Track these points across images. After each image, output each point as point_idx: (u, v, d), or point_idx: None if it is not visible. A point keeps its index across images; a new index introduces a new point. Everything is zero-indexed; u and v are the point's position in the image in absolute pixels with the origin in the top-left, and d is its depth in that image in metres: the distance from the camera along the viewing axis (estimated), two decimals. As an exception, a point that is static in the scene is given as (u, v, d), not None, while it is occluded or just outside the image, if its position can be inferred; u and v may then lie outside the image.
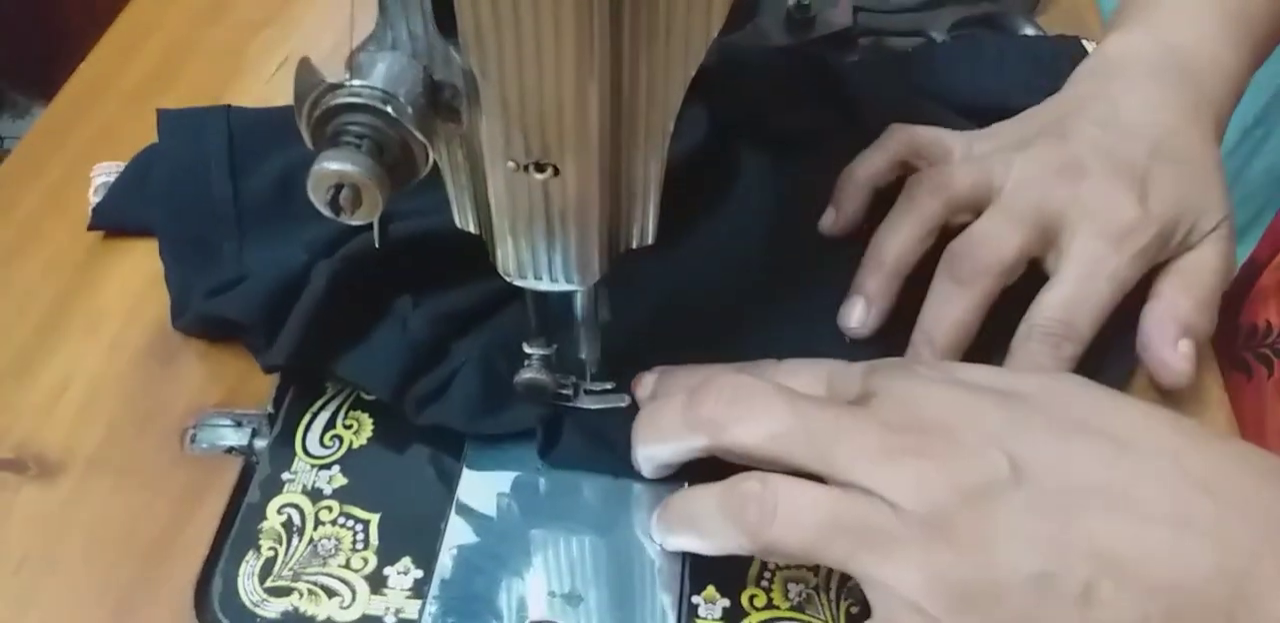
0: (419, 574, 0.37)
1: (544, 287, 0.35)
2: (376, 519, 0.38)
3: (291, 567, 0.37)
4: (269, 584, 0.37)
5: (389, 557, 0.37)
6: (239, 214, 0.46)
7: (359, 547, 0.38)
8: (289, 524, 0.38)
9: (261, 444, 0.41)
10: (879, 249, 0.42)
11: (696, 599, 0.36)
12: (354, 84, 0.27)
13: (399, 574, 0.37)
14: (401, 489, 0.39)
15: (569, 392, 0.40)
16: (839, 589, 0.36)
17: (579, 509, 0.39)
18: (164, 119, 0.49)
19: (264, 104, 0.50)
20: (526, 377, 0.38)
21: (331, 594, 0.37)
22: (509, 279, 0.35)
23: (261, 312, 0.40)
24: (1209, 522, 0.28)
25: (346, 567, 0.37)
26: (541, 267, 0.34)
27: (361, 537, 0.38)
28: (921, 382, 0.33)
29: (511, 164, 0.30)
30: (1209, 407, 0.42)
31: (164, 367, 0.44)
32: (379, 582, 0.37)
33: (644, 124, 0.30)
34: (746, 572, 0.37)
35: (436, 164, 0.30)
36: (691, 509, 0.34)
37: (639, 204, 0.33)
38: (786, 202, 0.46)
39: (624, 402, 0.40)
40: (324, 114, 0.27)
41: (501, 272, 0.34)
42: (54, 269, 0.47)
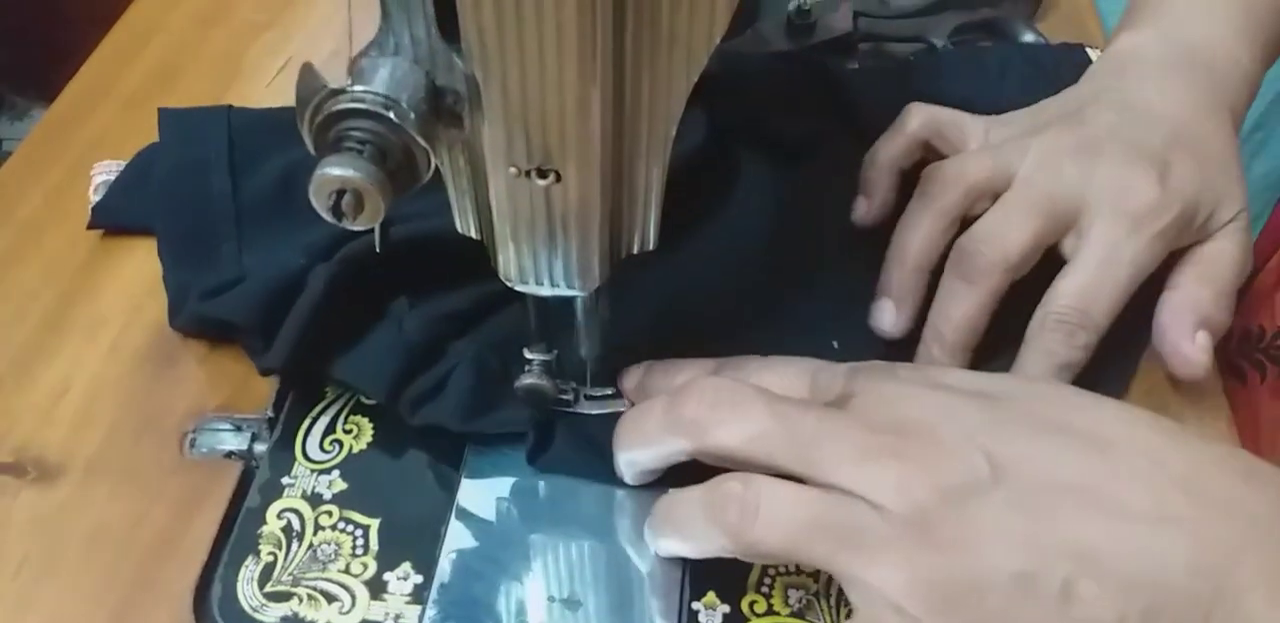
0: (419, 579, 0.37)
1: (545, 292, 0.35)
2: (376, 524, 0.38)
3: (291, 572, 0.37)
4: (268, 589, 0.37)
5: (389, 562, 0.37)
6: (238, 214, 0.46)
7: (359, 552, 0.38)
8: (289, 529, 0.38)
9: (261, 449, 0.41)
10: (900, 247, 0.42)
11: (696, 605, 0.36)
12: (356, 89, 0.27)
13: (399, 579, 0.37)
14: (401, 494, 0.39)
15: (569, 397, 0.40)
16: (839, 595, 0.36)
17: (579, 514, 0.39)
18: (165, 118, 0.49)
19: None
20: (527, 382, 0.38)
21: (331, 600, 0.37)
22: (510, 284, 0.35)
23: (258, 314, 0.40)
24: (1188, 520, 0.28)
25: (346, 572, 0.37)
26: (543, 272, 0.34)
27: (361, 542, 0.38)
28: (902, 383, 0.33)
29: (513, 169, 0.30)
30: (1209, 411, 0.42)
31: (164, 370, 0.44)
32: (379, 587, 0.37)
33: (646, 130, 0.30)
34: (747, 578, 0.37)
35: (437, 169, 0.30)
36: (675, 512, 0.34)
37: (640, 210, 0.33)
38: (786, 207, 0.46)
39: (625, 407, 0.40)
40: (326, 119, 0.27)
41: (503, 277, 0.34)
42: (53, 272, 0.47)
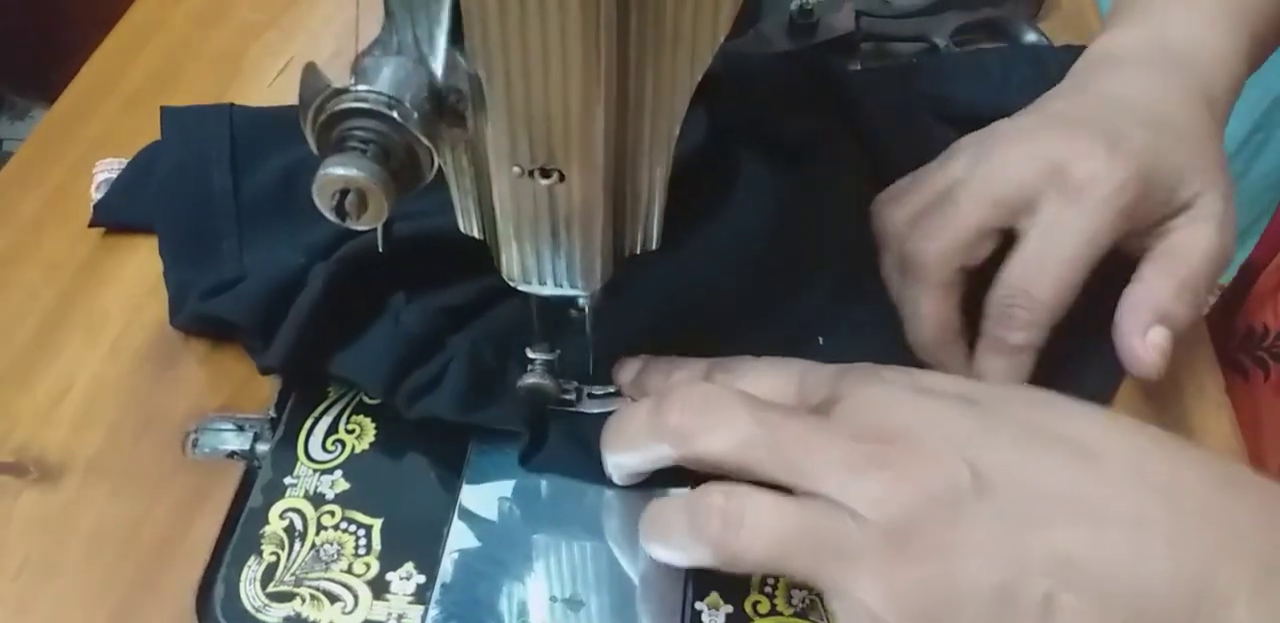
0: (421, 579, 0.37)
1: (548, 292, 0.35)
2: (379, 524, 0.38)
3: (294, 572, 0.37)
4: (271, 590, 0.37)
5: (391, 562, 0.37)
6: (239, 212, 0.46)
7: (361, 552, 0.38)
8: (291, 529, 0.38)
9: (263, 449, 0.41)
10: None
11: (699, 605, 0.36)
12: (360, 89, 0.27)
13: (401, 579, 0.37)
14: (404, 494, 0.39)
15: (572, 396, 0.40)
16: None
17: (581, 514, 0.39)
18: (167, 116, 0.49)
19: (265, 108, 0.50)
20: (530, 382, 0.38)
21: (334, 600, 0.36)
22: (513, 284, 0.35)
23: (258, 314, 0.40)
24: (1169, 530, 0.28)
25: (349, 572, 0.37)
26: (546, 272, 0.34)
27: (364, 542, 0.38)
28: (887, 388, 0.33)
29: (517, 169, 0.30)
30: (1210, 410, 0.42)
31: (165, 370, 0.44)
32: (381, 587, 0.37)
33: (649, 130, 0.30)
34: (750, 578, 0.37)
35: (439, 168, 0.30)
36: (660, 521, 0.33)
37: (643, 209, 0.33)
38: (786, 207, 0.46)
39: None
40: (329, 119, 0.27)
41: (505, 277, 0.34)
42: (55, 272, 0.47)
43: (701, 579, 0.37)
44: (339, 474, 0.40)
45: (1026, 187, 0.38)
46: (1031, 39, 0.56)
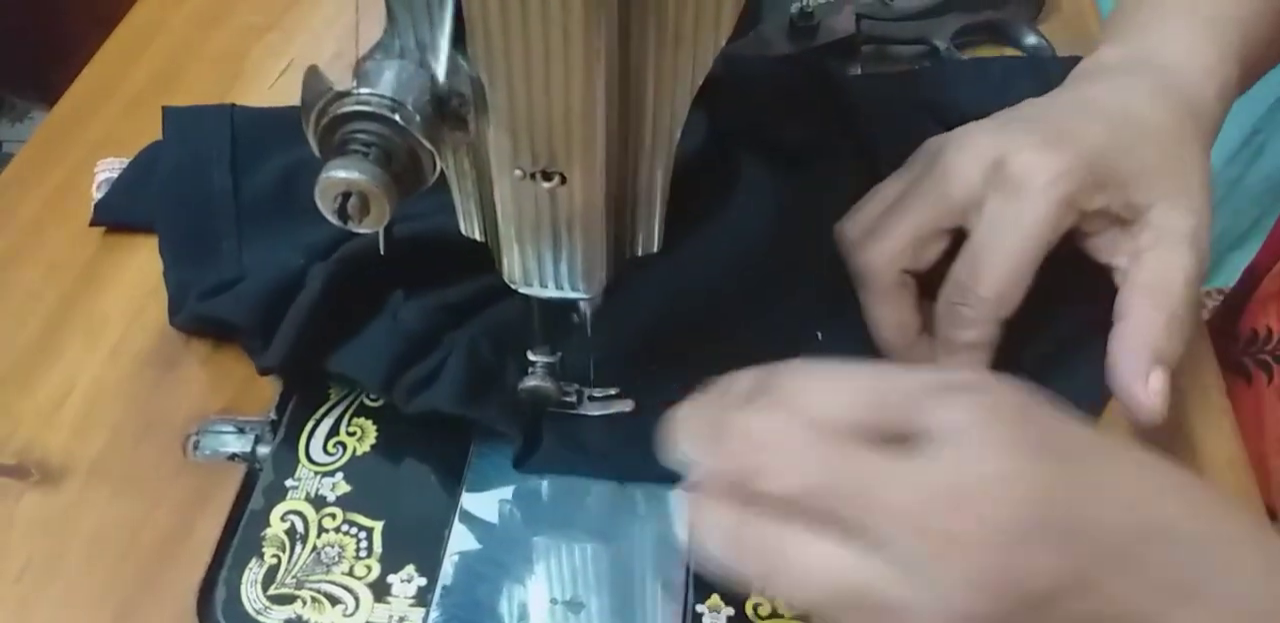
0: (422, 582, 0.37)
1: (549, 294, 0.35)
2: (380, 527, 0.38)
3: (295, 574, 0.37)
4: (272, 592, 0.37)
5: (392, 564, 0.37)
6: (239, 212, 0.46)
7: (362, 554, 0.38)
8: (292, 532, 0.38)
9: (264, 451, 0.41)
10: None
11: (700, 608, 0.36)
12: (362, 92, 0.27)
13: (402, 582, 0.37)
14: (405, 497, 0.39)
15: (573, 399, 0.40)
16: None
17: (582, 517, 0.39)
18: (168, 116, 0.49)
19: (266, 111, 0.50)
20: (531, 384, 0.38)
21: (335, 602, 0.36)
22: (515, 287, 0.35)
23: (257, 315, 0.40)
24: None
25: (350, 574, 0.37)
26: (547, 274, 0.34)
27: (365, 544, 0.38)
28: (989, 434, 0.27)
29: (518, 172, 0.30)
30: (1211, 413, 0.42)
31: (166, 373, 0.44)
32: (382, 589, 0.37)
33: (651, 133, 0.30)
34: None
35: (441, 171, 0.30)
36: (701, 530, 0.29)
37: (644, 212, 0.33)
38: (786, 210, 0.46)
39: (628, 407, 0.40)
40: (332, 122, 0.27)
41: (507, 279, 0.34)
42: (56, 275, 0.47)
43: (702, 582, 0.37)
44: (340, 477, 0.40)
45: (971, 186, 0.38)
46: (1032, 41, 0.56)
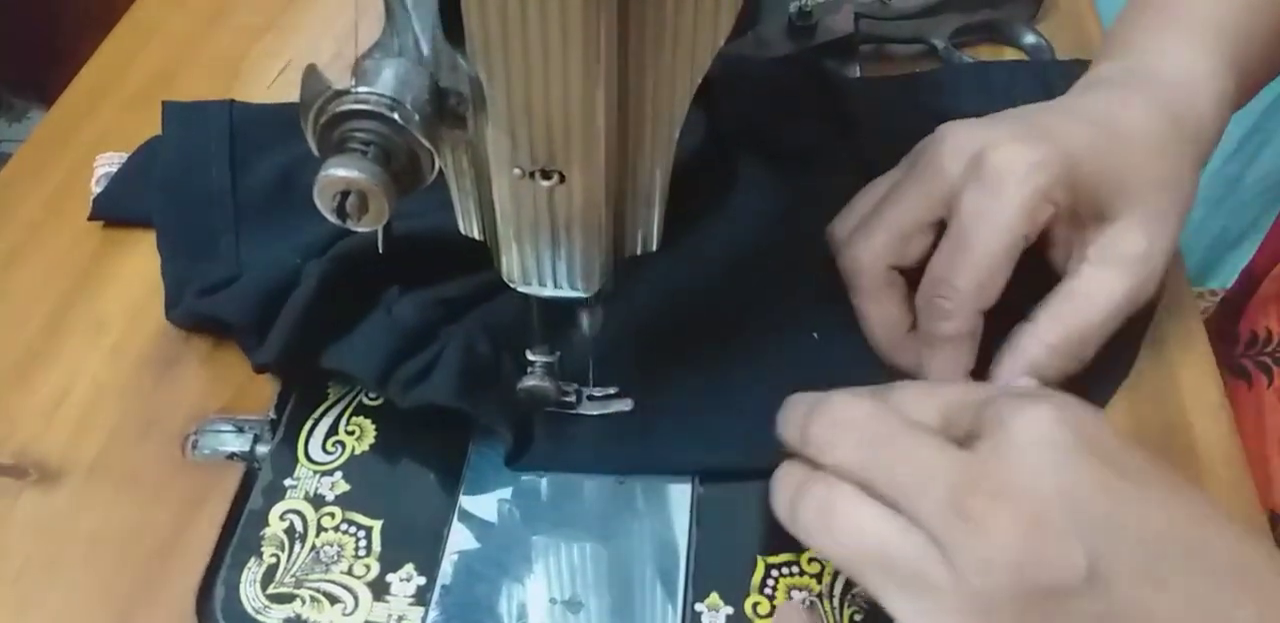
0: (421, 581, 0.37)
1: (548, 293, 0.35)
2: (379, 526, 0.38)
3: (294, 574, 0.37)
4: (271, 591, 0.37)
5: (391, 563, 0.37)
6: (237, 207, 0.46)
7: (361, 553, 0.38)
8: (291, 531, 0.38)
9: (263, 450, 0.41)
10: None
11: (699, 606, 0.36)
12: (361, 91, 0.27)
13: (401, 581, 0.37)
14: (404, 496, 0.39)
15: (571, 398, 0.40)
16: (842, 597, 0.36)
17: (581, 516, 0.39)
18: (168, 111, 0.50)
19: (265, 110, 0.50)
20: (529, 384, 0.38)
21: (334, 601, 0.36)
22: (513, 286, 0.35)
23: (252, 313, 0.40)
24: None
25: (349, 574, 0.37)
26: (546, 273, 0.34)
27: (364, 543, 0.38)
28: (1048, 435, 0.30)
29: (517, 171, 0.30)
30: (1211, 415, 0.42)
31: (165, 372, 0.43)
32: (381, 589, 0.37)
33: (650, 132, 0.30)
34: (750, 579, 0.37)
35: (441, 170, 0.30)
36: (777, 479, 0.33)
37: (643, 211, 0.33)
38: (784, 210, 0.47)
39: (627, 406, 0.40)
40: (331, 120, 0.27)
41: (505, 278, 0.34)
42: (55, 274, 0.47)
43: (701, 580, 0.37)
44: (339, 476, 0.40)
45: (951, 178, 0.38)
46: (1030, 41, 0.57)
